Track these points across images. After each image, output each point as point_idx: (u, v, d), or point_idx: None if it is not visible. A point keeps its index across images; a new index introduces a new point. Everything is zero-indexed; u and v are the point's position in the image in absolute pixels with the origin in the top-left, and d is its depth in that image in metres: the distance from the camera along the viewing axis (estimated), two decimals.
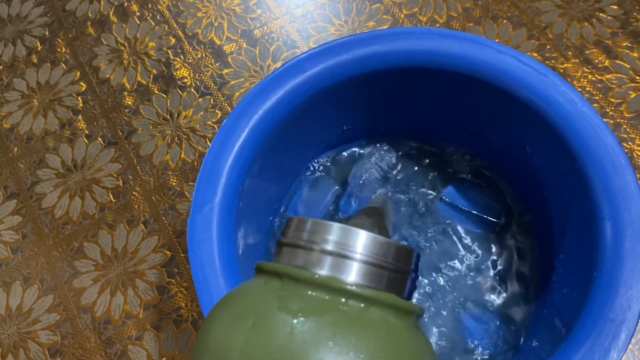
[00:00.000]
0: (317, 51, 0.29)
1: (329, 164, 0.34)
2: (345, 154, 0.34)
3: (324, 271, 0.16)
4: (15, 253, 0.36)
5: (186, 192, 0.37)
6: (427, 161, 0.34)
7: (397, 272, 0.17)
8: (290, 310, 0.15)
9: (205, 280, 0.24)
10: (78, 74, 0.42)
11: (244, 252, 0.28)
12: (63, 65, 0.42)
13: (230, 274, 0.25)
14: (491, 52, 0.28)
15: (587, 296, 0.24)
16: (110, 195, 0.37)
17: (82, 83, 0.41)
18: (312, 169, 0.34)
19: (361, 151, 0.34)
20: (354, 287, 0.16)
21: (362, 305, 0.16)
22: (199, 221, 0.25)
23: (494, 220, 0.32)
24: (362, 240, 0.17)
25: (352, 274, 0.17)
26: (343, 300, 0.16)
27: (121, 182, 0.38)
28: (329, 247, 0.17)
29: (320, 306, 0.16)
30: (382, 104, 0.32)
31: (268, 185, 0.31)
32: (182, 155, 0.38)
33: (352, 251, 0.17)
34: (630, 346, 0.31)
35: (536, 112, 0.27)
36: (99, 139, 0.39)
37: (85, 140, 0.39)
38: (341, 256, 0.17)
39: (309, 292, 0.16)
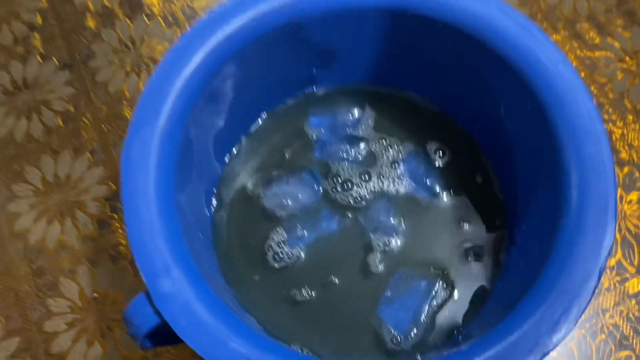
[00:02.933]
0: None
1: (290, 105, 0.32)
2: (311, 95, 0.32)
3: None
4: None
5: None
6: (401, 116, 0.32)
7: None
8: None
9: (136, 208, 0.22)
10: None
11: (184, 186, 0.25)
12: None
13: (165, 203, 0.23)
14: (475, 0, 0.26)
15: (543, 266, 0.22)
16: (59, 120, 0.35)
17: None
18: (270, 112, 0.32)
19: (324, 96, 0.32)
20: None
21: None
22: (136, 142, 0.23)
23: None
24: None
25: None
26: None
27: (72, 107, 0.35)
28: None
29: None
30: (358, 48, 0.30)
31: (217, 123, 0.29)
32: (140, 86, 0.36)
33: None
34: (583, 331, 0.30)
35: (513, 67, 0.25)
36: (54, 59, 0.37)
37: (40, 60, 0.37)
38: None
39: None
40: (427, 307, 0.28)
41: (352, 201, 0.30)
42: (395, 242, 0.29)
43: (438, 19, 0.26)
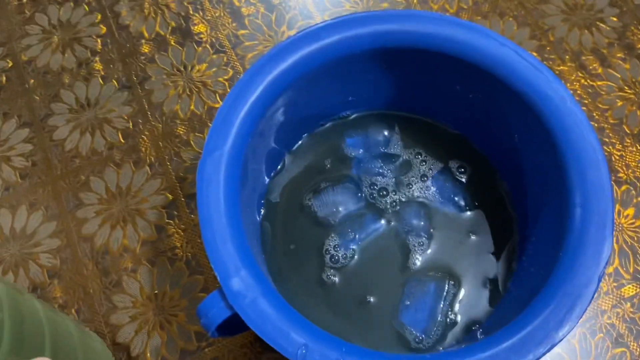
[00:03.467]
0: (334, 22, 0.31)
1: (328, 128, 0.36)
2: (347, 119, 0.37)
3: None
4: (24, 179, 0.38)
5: (192, 142, 0.39)
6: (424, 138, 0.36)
7: None
8: None
9: (210, 218, 0.27)
10: (99, 16, 0.43)
11: (243, 198, 0.30)
12: (85, 6, 0.44)
13: (233, 214, 0.27)
14: (495, 43, 0.30)
15: (551, 272, 0.26)
16: (120, 136, 0.39)
17: (102, 26, 0.43)
18: (312, 134, 0.36)
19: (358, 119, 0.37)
20: None
21: None
22: (209, 164, 0.28)
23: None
24: None
25: None
26: None
27: (131, 124, 0.39)
28: None
29: None
30: (390, 79, 0.34)
31: (270, 144, 0.33)
32: (192, 107, 0.40)
33: None
34: (584, 329, 0.34)
35: (528, 103, 0.29)
36: (114, 81, 0.41)
37: (101, 81, 0.41)
38: None
39: None
40: (441, 306, 0.32)
41: (388, 206, 0.34)
42: (427, 243, 0.33)
43: (461, 58, 0.31)
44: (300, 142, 0.36)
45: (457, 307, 0.32)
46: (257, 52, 0.42)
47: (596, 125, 0.39)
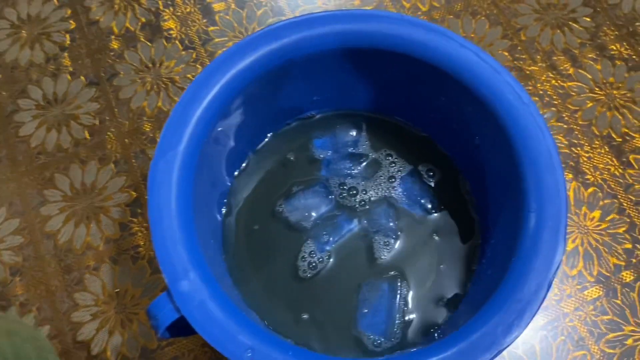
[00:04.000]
0: (294, 21, 0.30)
1: (291, 128, 0.36)
2: (312, 119, 0.36)
3: None
4: None
5: (157, 139, 0.38)
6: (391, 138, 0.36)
7: None
8: None
9: (160, 220, 0.26)
10: (69, 11, 0.43)
11: (200, 198, 0.30)
12: (55, 1, 0.43)
13: (184, 216, 0.27)
14: (454, 44, 0.30)
15: (503, 277, 0.26)
16: (86, 133, 0.39)
17: (72, 21, 0.43)
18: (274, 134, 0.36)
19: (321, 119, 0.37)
20: None
21: None
22: (161, 165, 0.27)
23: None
24: None
25: None
26: None
27: (98, 121, 0.39)
28: None
29: None
30: (354, 79, 0.34)
31: (229, 143, 0.33)
32: (159, 104, 0.40)
33: None
34: (545, 332, 0.34)
35: (487, 105, 0.29)
36: (82, 77, 0.41)
37: (69, 77, 0.41)
38: None
39: None
40: (397, 305, 0.32)
41: (357, 205, 0.34)
42: (393, 243, 0.33)
43: (422, 60, 0.30)
44: (265, 141, 0.36)
45: (414, 307, 0.32)
46: (226, 49, 0.41)
47: (565, 126, 0.39)
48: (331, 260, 0.33)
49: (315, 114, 0.36)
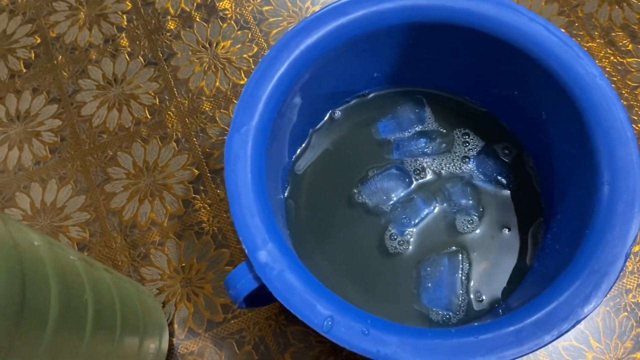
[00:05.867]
0: None
1: (354, 106, 0.36)
2: (372, 96, 0.37)
3: None
4: (53, 154, 0.39)
5: (217, 118, 0.39)
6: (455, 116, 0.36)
7: None
8: None
9: (238, 192, 0.27)
10: None
11: (269, 174, 0.30)
12: None
13: (260, 188, 0.27)
14: (524, 18, 0.30)
15: (577, 249, 0.26)
16: (147, 112, 0.40)
17: (128, 2, 0.43)
18: (338, 110, 0.36)
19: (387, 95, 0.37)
20: None
21: None
22: (236, 139, 0.28)
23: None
24: None
25: None
26: None
27: (158, 100, 0.40)
28: None
29: None
30: (415, 55, 0.34)
31: (292, 119, 0.33)
32: (217, 84, 0.40)
33: None
34: (608, 308, 0.34)
35: (556, 80, 0.29)
36: (140, 57, 0.41)
37: (127, 58, 0.41)
38: None
39: None
40: (459, 279, 0.32)
41: (433, 184, 0.34)
42: (477, 221, 0.33)
43: (490, 34, 0.30)
44: (324, 119, 0.36)
45: (479, 283, 0.32)
46: (281, 29, 0.42)
47: (625, 103, 0.39)
48: (411, 241, 0.33)
49: (373, 91, 0.37)
